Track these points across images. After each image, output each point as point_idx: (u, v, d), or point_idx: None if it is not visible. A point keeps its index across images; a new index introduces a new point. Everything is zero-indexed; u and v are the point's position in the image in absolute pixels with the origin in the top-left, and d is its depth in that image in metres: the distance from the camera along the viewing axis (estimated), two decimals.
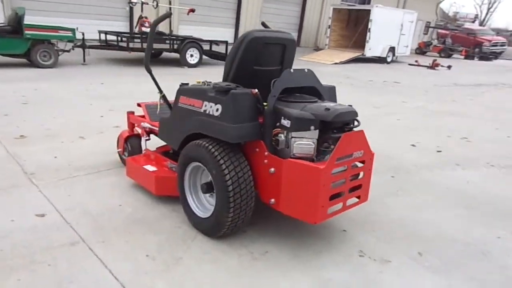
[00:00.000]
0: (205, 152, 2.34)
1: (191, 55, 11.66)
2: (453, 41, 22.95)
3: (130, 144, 3.60)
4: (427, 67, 15.77)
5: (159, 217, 2.74)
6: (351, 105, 2.34)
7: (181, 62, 11.40)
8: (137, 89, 7.57)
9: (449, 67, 15.87)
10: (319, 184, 2.10)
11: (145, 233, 2.53)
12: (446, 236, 2.70)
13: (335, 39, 17.72)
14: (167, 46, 11.61)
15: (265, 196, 2.37)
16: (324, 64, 14.90)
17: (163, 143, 3.51)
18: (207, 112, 2.38)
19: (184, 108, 2.58)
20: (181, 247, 2.38)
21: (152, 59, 12.31)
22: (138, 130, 3.69)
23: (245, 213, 2.36)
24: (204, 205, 2.61)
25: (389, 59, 16.70)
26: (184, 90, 2.62)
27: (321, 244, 2.49)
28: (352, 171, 2.33)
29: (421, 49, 22.91)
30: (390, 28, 16.42)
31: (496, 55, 23.32)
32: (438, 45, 22.80)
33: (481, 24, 40.05)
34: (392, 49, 16.75)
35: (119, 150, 3.70)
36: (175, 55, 11.94)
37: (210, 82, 2.65)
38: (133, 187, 3.22)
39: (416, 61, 16.91)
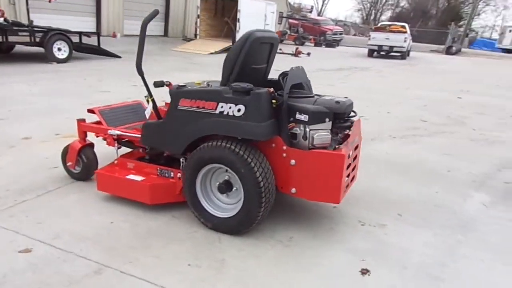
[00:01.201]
0: (229, 152, 2.37)
1: (59, 49, 10.38)
2: (304, 30, 25.69)
3: (84, 155, 3.24)
4: (291, 54, 17.39)
5: (165, 227, 2.63)
6: (347, 97, 2.68)
7: (48, 58, 10.07)
8: (19, 92, 6.51)
9: (308, 54, 17.83)
10: (343, 169, 2.39)
11: (166, 244, 2.42)
12: (405, 198, 3.32)
13: (204, 29, 17.96)
14: (26, 39, 10.04)
15: (285, 187, 2.54)
16: (200, 54, 15.03)
17: (126, 150, 3.28)
18: (225, 113, 2.39)
19: (188, 111, 2.52)
20: (214, 250, 2.39)
21: (2, 55, 10.50)
22: (89, 139, 3.34)
23: (270, 205, 2.50)
24: (218, 205, 2.62)
25: None
26: (185, 92, 2.54)
27: (326, 222, 2.81)
28: (354, 155, 2.69)
29: (279, 38, 24.93)
30: (256, 18, 17.46)
31: (337, 42, 27.04)
32: (292, 34, 25.21)
33: (318, 14, 45.55)
34: None
35: (70, 163, 3.27)
36: (37, 49, 10.43)
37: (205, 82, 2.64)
38: (108, 201, 2.95)
39: (280, 49, 18.41)
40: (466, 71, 16.18)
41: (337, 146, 2.55)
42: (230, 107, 2.38)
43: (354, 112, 2.71)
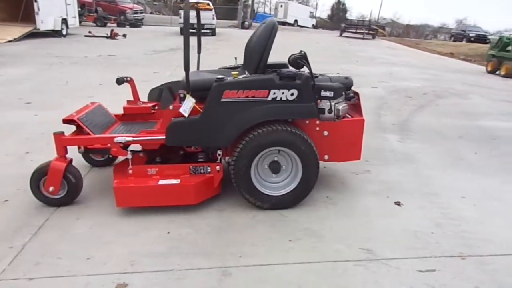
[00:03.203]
0: (288, 134, 2.60)
1: None
2: (104, 10, 23.76)
3: (71, 174, 2.74)
4: (107, 37, 16.10)
5: (225, 220, 2.66)
6: (338, 73, 3.20)
7: None
8: None
9: (124, 35, 16.88)
10: (363, 131, 2.96)
11: (246, 234, 2.49)
12: None
13: None
14: None
15: (319, 155, 2.90)
16: None
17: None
18: (278, 98, 2.57)
19: (236, 102, 2.55)
20: (290, 224, 2.62)
21: None
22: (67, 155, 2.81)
23: None
24: (269, 186, 2.79)
25: (64, 32, 15.68)
26: (229, 84, 2.56)
27: (335, 179, 3.35)
28: None
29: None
30: None
31: (141, 22, 26.18)
32: (91, 14, 22.98)
33: None
34: (64, 21, 15.74)
35: (52, 189, 2.68)
36: None
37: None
38: (132, 215, 2.69)
39: (90, 32, 16.78)
40: None
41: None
42: (283, 93, 2.57)
43: None
